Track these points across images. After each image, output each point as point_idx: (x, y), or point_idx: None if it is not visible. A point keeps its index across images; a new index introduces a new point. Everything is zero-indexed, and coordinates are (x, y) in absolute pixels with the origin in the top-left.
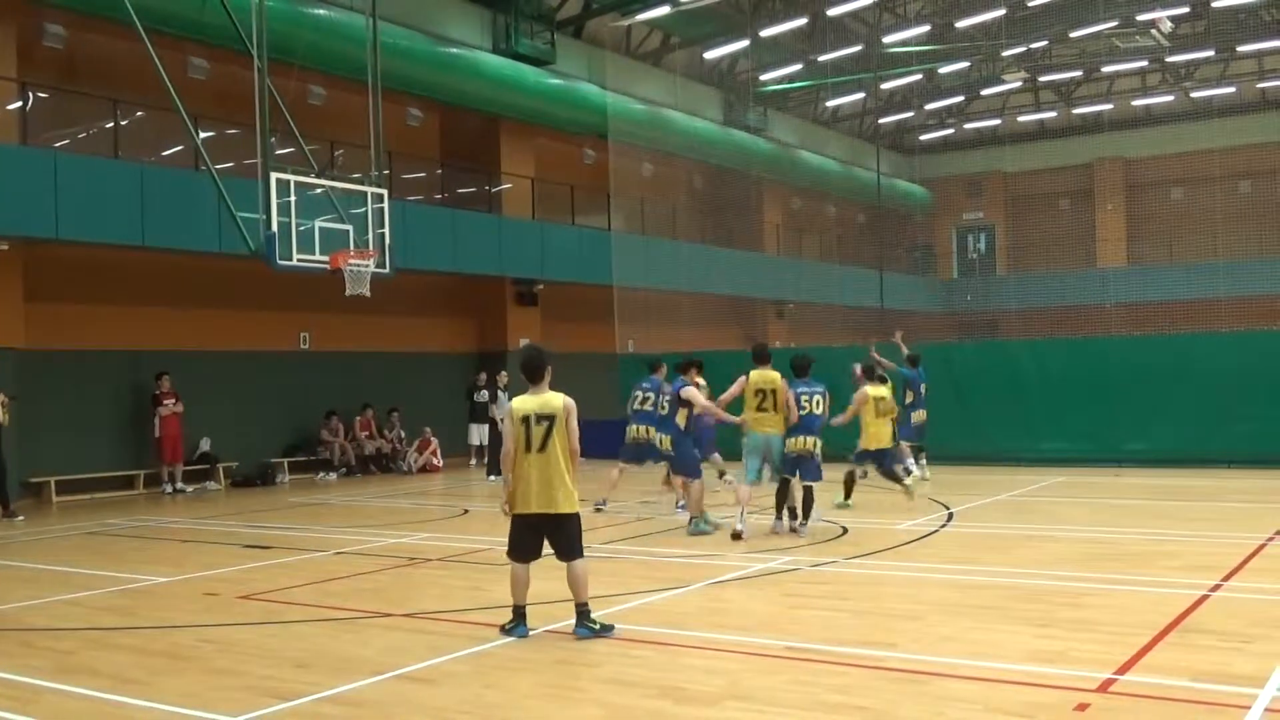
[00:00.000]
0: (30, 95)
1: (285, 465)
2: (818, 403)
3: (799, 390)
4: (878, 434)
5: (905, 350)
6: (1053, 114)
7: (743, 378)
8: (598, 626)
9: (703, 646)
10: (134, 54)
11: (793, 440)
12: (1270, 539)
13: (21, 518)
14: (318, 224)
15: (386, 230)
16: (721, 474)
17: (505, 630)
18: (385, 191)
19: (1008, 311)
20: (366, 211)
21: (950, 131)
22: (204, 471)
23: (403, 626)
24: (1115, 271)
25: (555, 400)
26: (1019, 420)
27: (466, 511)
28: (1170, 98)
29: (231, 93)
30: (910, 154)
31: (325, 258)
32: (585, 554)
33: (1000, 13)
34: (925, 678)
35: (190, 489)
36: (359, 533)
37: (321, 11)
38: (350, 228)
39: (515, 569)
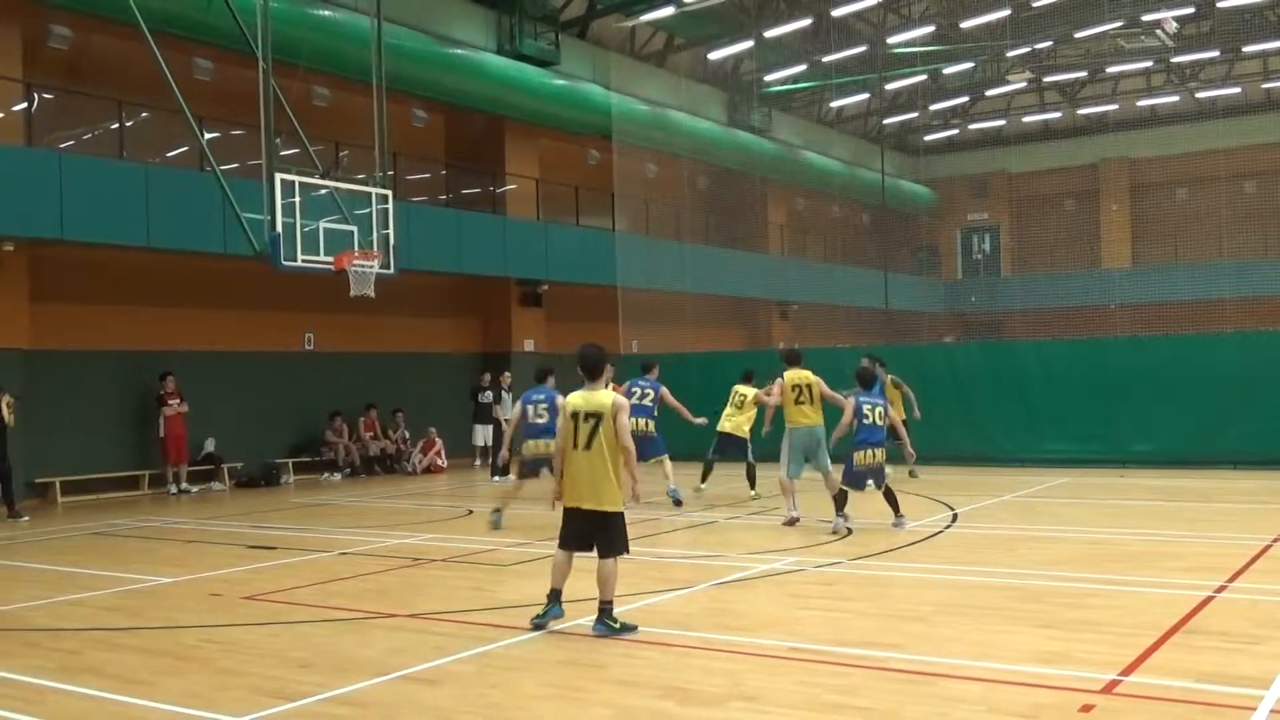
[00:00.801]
0: (35, 96)
1: (290, 466)
2: (880, 414)
3: (862, 400)
4: (737, 424)
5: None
6: (1057, 114)
7: (780, 379)
8: (617, 625)
9: (707, 647)
10: (139, 55)
11: (861, 454)
12: (1276, 540)
13: (27, 518)
14: (322, 225)
15: (391, 231)
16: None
17: (537, 620)
18: (390, 192)
19: (1012, 312)
20: (371, 212)
21: (955, 132)
22: (208, 472)
23: (407, 627)
24: (1120, 272)
25: (605, 398)
26: (1023, 421)
27: (471, 512)
28: (1175, 98)
29: (236, 93)
30: (915, 154)
31: (330, 258)
32: (628, 553)
33: (1005, 13)
34: (929, 678)
35: (195, 489)
36: (363, 533)
37: (326, 12)
38: (355, 228)
39: (558, 554)
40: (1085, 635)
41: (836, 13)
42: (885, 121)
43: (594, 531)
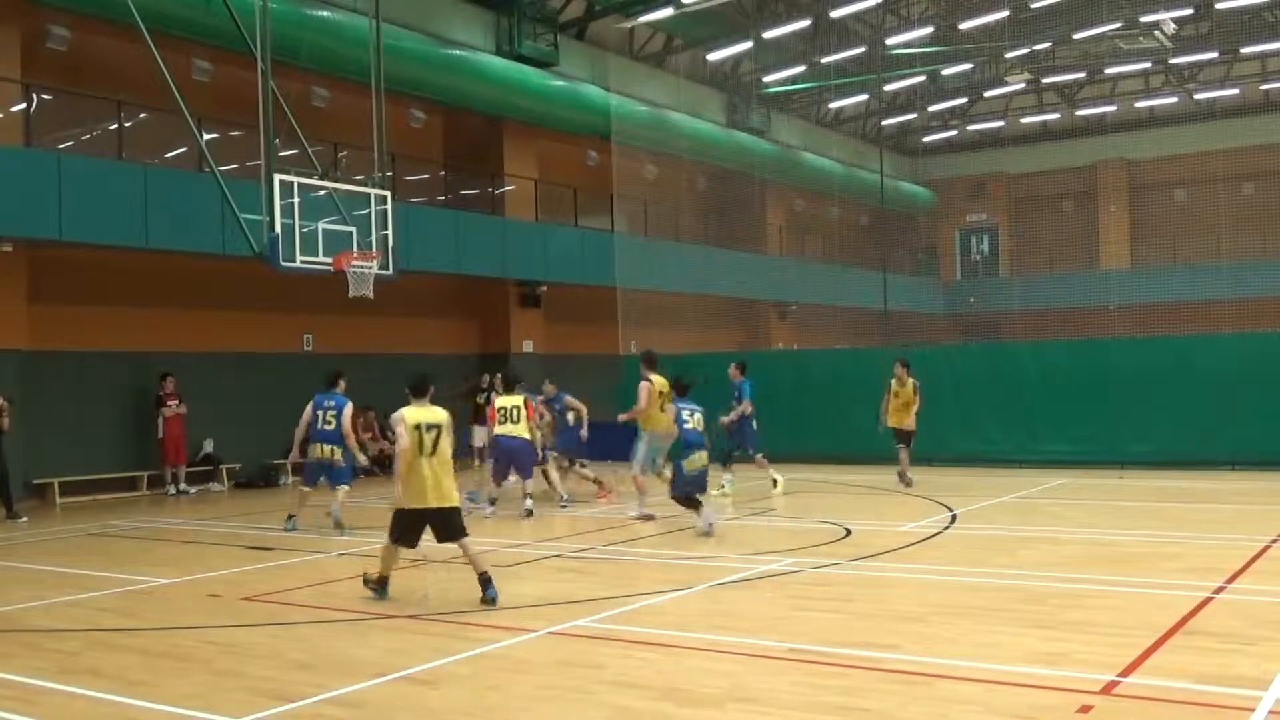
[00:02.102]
0: (34, 97)
1: (288, 467)
2: (699, 420)
3: (681, 407)
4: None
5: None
6: (1056, 116)
7: (648, 384)
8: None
9: (706, 648)
10: (137, 56)
11: (689, 461)
12: (1273, 541)
13: (25, 519)
14: (321, 226)
15: (390, 232)
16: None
17: (371, 588)
18: (388, 193)
19: (1011, 313)
20: (370, 213)
21: (953, 133)
22: (207, 473)
23: (405, 628)
24: (1118, 273)
25: (440, 413)
26: (1022, 422)
27: (469, 513)
28: (1173, 99)
29: (235, 94)
30: (913, 155)
31: (328, 259)
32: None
33: (1003, 14)
34: (928, 679)
35: (193, 490)
36: (361, 534)
37: (325, 13)
38: (353, 229)
39: (392, 548)
40: (1084, 636)
41: (835, 14)
42: (884, 123)
43: (434, 524)
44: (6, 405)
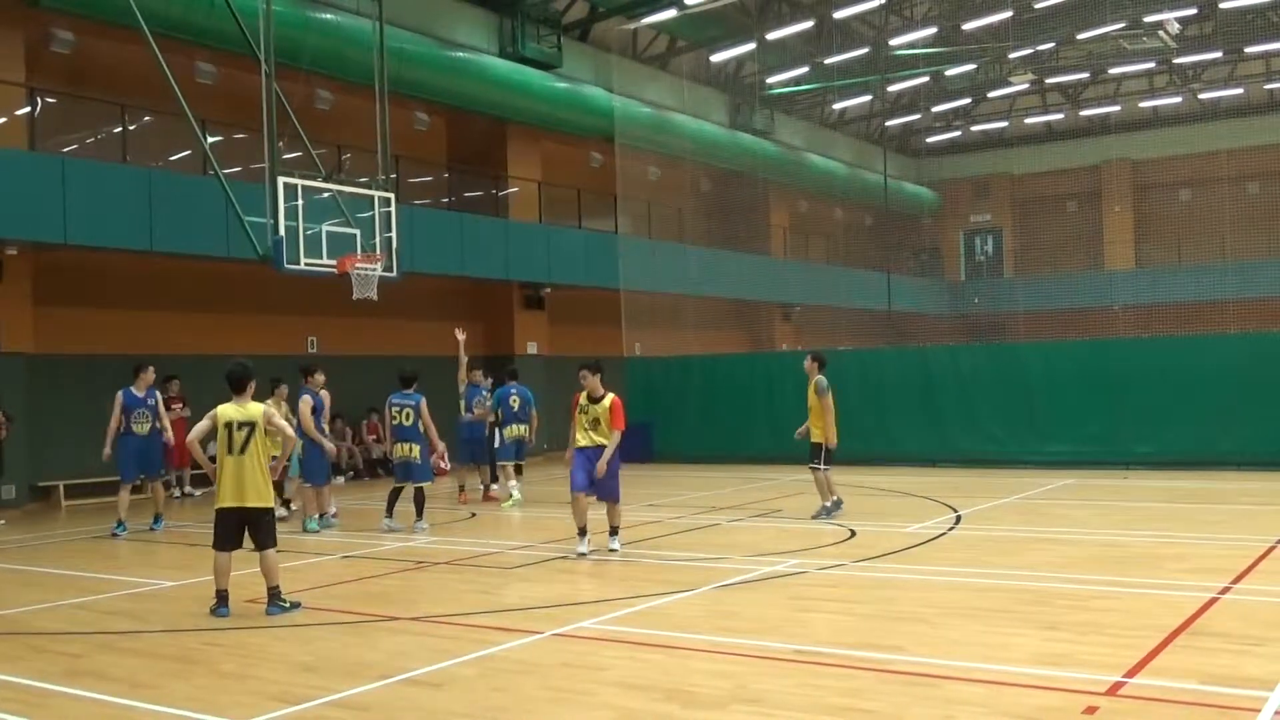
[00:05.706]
0: (39, 100)
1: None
2: (407, 415)
3: (393, 402)
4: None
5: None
6: (1060, 116)
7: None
8: (288, 605)
9: (710, 650)
10: (141, 59)
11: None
12: (1279, 541)
13: (2, 521)
14: (325, 228)
15: (394, 234)
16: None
17: (211, 612)
18: (392, 195)
19: (1015, 314)
20: (374, 215)
21: (957, 134)
22: None
23: (410, 630)
24: (1123, 273)
25: (255, 410)
26: (1026, 423)
27: (474, 515)
28: (1178, 99)
29: (239, 97)
30: (917, 156)
31: (333, 262)
32: (279, 544)
33: (1007, 15)
34: (933, 680)
35: (198, 493)
36: (366, 536)
37: (328, 16)
38: (358, 231)
39: (218, 557)
40: (1089, 637)
41: (838, 15)
42: (888, 123)
43: (246, 527)
44: (6, 421)
